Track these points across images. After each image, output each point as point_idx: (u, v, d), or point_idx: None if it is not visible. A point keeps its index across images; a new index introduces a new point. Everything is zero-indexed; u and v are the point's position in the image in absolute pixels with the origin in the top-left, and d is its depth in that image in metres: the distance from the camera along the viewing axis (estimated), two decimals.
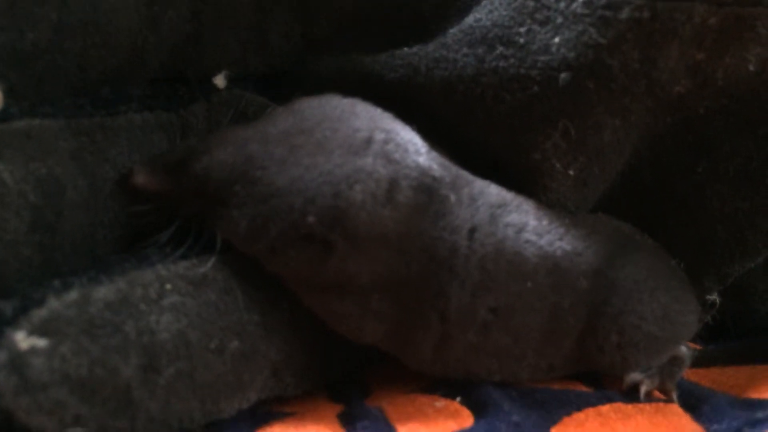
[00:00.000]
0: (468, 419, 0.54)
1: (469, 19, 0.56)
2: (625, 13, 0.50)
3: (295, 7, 0.63)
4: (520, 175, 0.57)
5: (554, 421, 0.55)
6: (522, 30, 0.53)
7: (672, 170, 0.60)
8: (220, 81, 0.58)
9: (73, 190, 0.50)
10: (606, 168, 0.58)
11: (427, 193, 0.51)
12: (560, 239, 0.55)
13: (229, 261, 0.51)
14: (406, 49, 0.57)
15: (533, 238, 0.54)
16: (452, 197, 0.52)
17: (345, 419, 0.53)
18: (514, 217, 0.54)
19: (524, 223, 0.54)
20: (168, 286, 0.48)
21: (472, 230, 0.53)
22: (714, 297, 0.64)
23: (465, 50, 0.54)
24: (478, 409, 0.55)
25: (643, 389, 0.59)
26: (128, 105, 0.55)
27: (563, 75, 0.52)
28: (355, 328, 0.53)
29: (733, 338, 0.69)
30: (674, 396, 0.60)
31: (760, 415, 0.54)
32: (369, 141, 0.50)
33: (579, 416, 0.56)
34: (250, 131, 0.52)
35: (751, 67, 0.54)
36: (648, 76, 0.52)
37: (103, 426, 0.44)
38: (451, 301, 0.53)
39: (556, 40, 0.52)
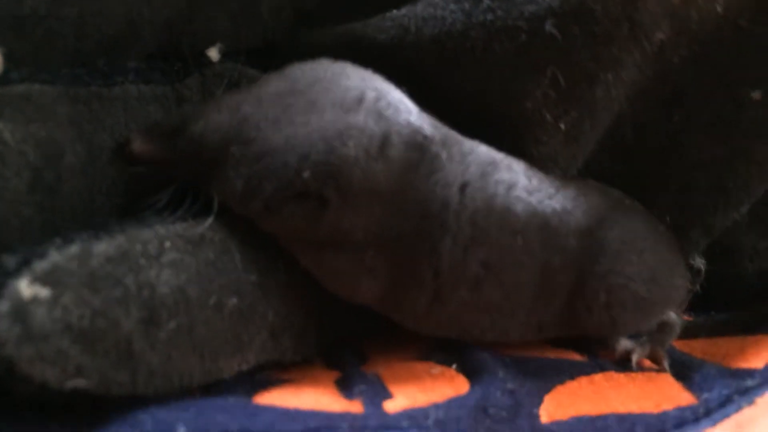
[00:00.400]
0: (464, 385, 0.54)
1: None
2: None
3: None
4: (511, 128, 0.57)
5: (548, 389, 0.55)
6: None
7: (650, 124, 0.61)
8: (213, 54, 0.59)
9: (71, 154, 0.51)
10: (596, 125, 0.59)
11: (419, 150, 0.52)
12: (550, 198, 0.56)
13: (227, 223, 0.52)
14: (395, 11, 0.58)
15: (523, 195, 0.55)
16: (443, 154, 0.53)
17: (342, 384, 0.53)
18: (504, 175, 0.55)
19: (514, 181, 0.55)
20: (167, 244, 0.48)
21: (463, 186, 0.53)
22: (700, 263, 0.65)
23: (452, 6, 0.55)
24: (473, 375, 0.55)
25: (634, 357, 0.60)
26: (124, 77, 0.55)
27: (549, 22, 0.53)
28: (350, 286, 0.54)
29: (723, 305, 0.70)
30: (665, 364, 0.60)
31: (749, 383, 0.54)
32: (361, 99, 0.51)
33: (572, 385, 0.57)
34: (244, 95, 0.53)
35: (719, 9, 0.55)
36: (630, 19, 0.53)
37: (104, 379, 0.44)
38: (444, 256, 0.53)
39: None
